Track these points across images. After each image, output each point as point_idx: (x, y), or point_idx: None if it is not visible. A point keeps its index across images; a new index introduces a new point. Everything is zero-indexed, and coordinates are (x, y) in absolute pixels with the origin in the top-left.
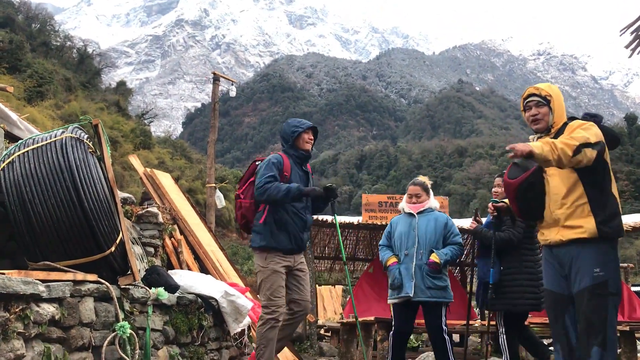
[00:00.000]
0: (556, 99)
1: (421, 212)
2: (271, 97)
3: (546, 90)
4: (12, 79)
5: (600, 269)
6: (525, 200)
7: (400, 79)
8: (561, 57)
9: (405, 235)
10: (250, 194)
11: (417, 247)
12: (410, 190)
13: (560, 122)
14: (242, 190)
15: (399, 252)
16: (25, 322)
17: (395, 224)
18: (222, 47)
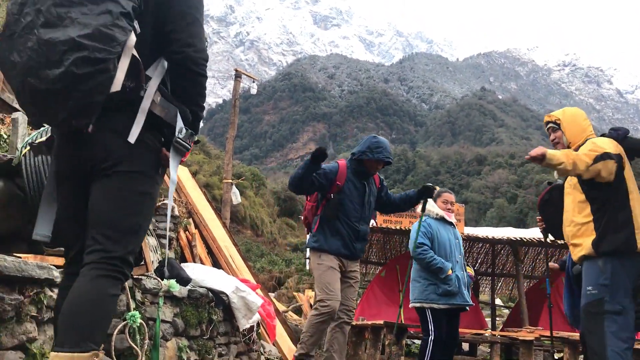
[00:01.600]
0: (565, 121)
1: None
2: (292, 96)
3: (556, 115)
4: None
5: (594, 287)
6: (545, 217)
7: (423, 84)
8: (587, 69)
9: (452, 244)
10: (314, 197)
11: (462, 257)
12: (446, 197)
13: (577, 141)
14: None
15: (449, 259)
16: (38, 306)
17: (436, 228)
18: (246, 44)
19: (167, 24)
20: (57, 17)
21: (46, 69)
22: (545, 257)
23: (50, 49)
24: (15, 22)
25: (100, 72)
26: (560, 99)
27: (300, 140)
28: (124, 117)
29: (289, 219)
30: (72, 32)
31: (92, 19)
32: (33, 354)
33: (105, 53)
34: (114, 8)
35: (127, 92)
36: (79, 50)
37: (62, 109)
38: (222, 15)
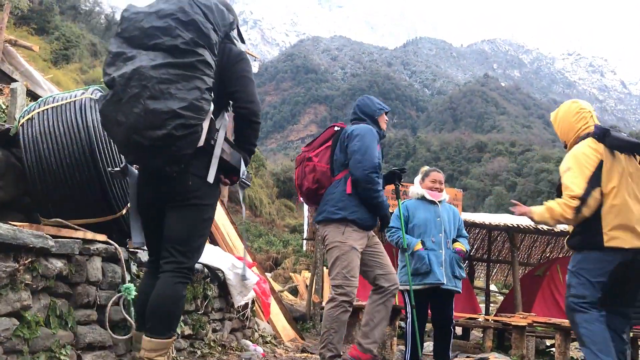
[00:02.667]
0: (555, 122)
1: (440, 201)
2: (294, 77)
3: (551, 115)
4: (40, 40)
5: (568, 273)
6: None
7: (426, 69)
8: (591, 58)
9: (431, 222)
10: (326, 159)
11: (443, 235)
12: (435, 176)
13: (568, 139)
14: (315, 153)
15: (424, 239)
16: (33, 275)
17: (413, 208)
18: (249, 23)
19: (231, 85)
20: (160, 91)
21: (150, 130)
22: (541, 245)
23: (155, 116)
24: (123, 91)
25: (193, 133)
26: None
27: (302, 122)
28: (199, 162)
29: (288, 200)
30: (173, 104)
31: (186, 94)
32: (27, 321)
33: (197, 120)
34: (201, 85)
35: (205, 144)
36: (178, 118)
37: (159, 159)
38: None
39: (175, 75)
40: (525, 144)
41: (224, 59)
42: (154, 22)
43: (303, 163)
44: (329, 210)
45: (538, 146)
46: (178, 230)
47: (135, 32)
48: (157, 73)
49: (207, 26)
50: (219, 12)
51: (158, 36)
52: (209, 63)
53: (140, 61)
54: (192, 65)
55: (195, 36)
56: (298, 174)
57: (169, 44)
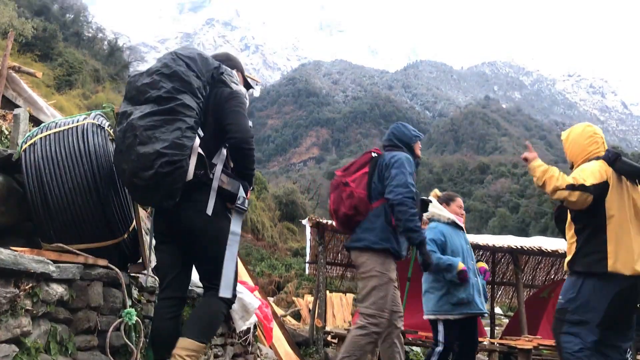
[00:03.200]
0: (566, 142)
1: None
2: (296, 100)
3: (562, 135)
4: (43, 66)
5: (563, 297)
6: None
7: (427, 92)
8: (592, 79)
9: (465, 249)
10: (364, 185)
11: (474, 263)
12: (460, 202)
13: (577, 160)
14: (353, 179)
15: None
16: (34, 300)
17: (449, 234)
18: (251, 48)
19: (224, 119)
20: (147, 137)
21: (143, 172)
22: (545, 267)
23: (145, 159)
24: (122, 143)
25: (177, 169)
26: (565, 109)
27: (303, 145)
28: (200, 195)
29: (290, 223)
30: (157, 146)
31: (168, 135)
32: (27, 347)
33: (180, 156)
34: (181, 125)
35: (199, 178)
36: (162, 157)
37: (156, 196)
38: (228, 19)
39: (158, 120)
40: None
41: (216, 100)
42: (144, 80)
43: (339, 188)
44: (371, 240)
45: None
46: (206, 265)
47: (133, 92)
48: (143, 122)
49: (188, 74)
50: (202, 60)
51: (147, 91)
52: (188, 105)
53: (134, 115)
54: (172, 109)
55: (177, 85)
56: (334, 199)
57: (155, 95)
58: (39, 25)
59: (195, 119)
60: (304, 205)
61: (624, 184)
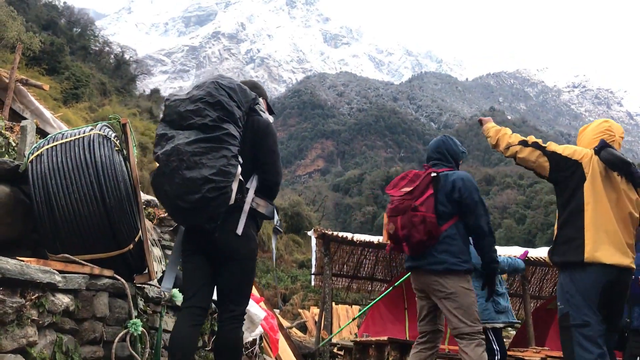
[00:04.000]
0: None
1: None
2: (301, 113)
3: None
4: (51, 80)
5: (561, 302)
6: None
7: (432, 103)
8: (597, 90)
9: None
10: (432, 208)
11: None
12: None
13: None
14: (420, 202)
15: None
16: (40, 310)
17: None
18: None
19: (260, 156)
20: (194, 162)
21: (189, 195)
22: (552, 278)
23: (192, 183)
24: (165, 165)
25: (223, 194)
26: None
27: (309, 157)
28: (234, 218)
29: (296, 235)
30: (204, 172)
31: (215, 162)
32: (33, 358)
33: (225, 182)
34: (227, 153)
35: (237, 202)
36: (210, 183)
37: (200, 218)
38: (233, 32)
39: (205, 147)
40: (534, 177)
41: (254, 129)
42: (188, 107)
43: (408, 213)
44: (452, 262)
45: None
46: (229, 284)
47: (174, 116)
48: (190, 148)
49: (230, 104)
50: (241, 91)
51: (191, 117)
52: (233, 135)
53: (178, 140)
54: (219, 138)
55: (221, 114)
56: (403, 224)
57: (200, 123)
58: (46, 40)
59: (238, 147)
60: (310, 217)
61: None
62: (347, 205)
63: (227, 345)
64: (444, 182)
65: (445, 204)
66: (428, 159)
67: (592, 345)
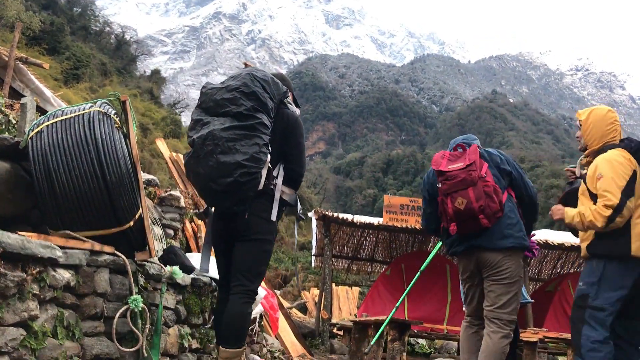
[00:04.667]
0: (585, 124)
1: None
2: (302, 95)
3: (580, 114)
4: (51, 60)
5: (584, 283)
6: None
7: (434, 86)
8: (599, 74)
9: None
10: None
11: None
12: None
13: (594, 145)
14: (484, 172)
15: None
16: (41, 285)
17: None
18: (258, 42)
19: (287, 148)
20: (228, 148)
21: (221, 178)
22: (551, 260)
23: (225, 167)
24: (200, 149)
25: (254, 179)
26: (572, 103)
27: (310, 140)
28: (260, 203)
29: None
30: (238, 157)
31: (248, 148)
32: (35, 331)
33: (257, 168)
34: (259, 141)
35: (264, 188)
36: (242, 168)
37: (230, 201)
38: (234, 12)
39: (239, 134)
40: (535, 160)
41: (284, 121)
42: (224, 95)
43: (479, 183)
44: (517, 236)
45: (547, 162)
46: (244, 260)
47: (210, 104)
48: (226, 134)
49: (264, 95)
50: (274, 84)
51: (227, 105)
52: (265, 124)
53: (214, 125)
54: (252, 126)
55: (255, 104)
56: (478, 195)
57: (235, 111)
58: (46, 19)
59: (269, 136)
60: (311, 199)
61: None
62: (348, 188)
63: (234, 317)
64: (489, 156)
65: (499, 177)
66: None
67: (601, 327)
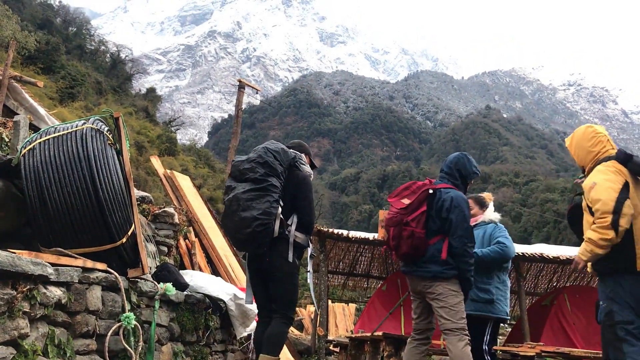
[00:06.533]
0: (571, 149)
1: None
2: (297, 111)
3: (566, 141)
4: (46, 79)
5: (604, 301)
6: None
7: (428, 102)
8: (592, 88)
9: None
10: (422, 224)
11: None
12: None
13: (586, 164)
14: (412, 218)
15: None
16: (31, 302)
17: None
18: (253, 60)
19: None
20: (247, 206)
21: (243, 229)
22: (547, 274)
23: (245, 221)
24: (229, 208)
25: (267, 228)
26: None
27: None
28: (281, 246)
29: None
30: (254, 212)
31: (261, 205)
32: (25, 350)
33: (268, 220)
34: (270, 198)
35: (280, 235)
36: (257, 220)
37: (252, 245)
38: (229, 31)
39: (255, 195)
40: (529, 174)
41: (294, 180)
42: (245, 166)
43: (400, 226)
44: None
45: (542, 176)
46: (278, 294)
47: (236, 172)
48: (245, 195)
49: (275, 163)
50: (283, 152)
51: (247, 173)
52: (275, 185)
53: (237, 190)
54: (265, 188)
55: (267, 170)
56: (394, 235)
57: (252, 177)
58: (41, 39)
59: (278, 194)
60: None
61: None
62: (343, 204)
63: (274, 334)
64: (439, 200)
65: (435, 220)
66: (440, 171)
67: (637, 341)
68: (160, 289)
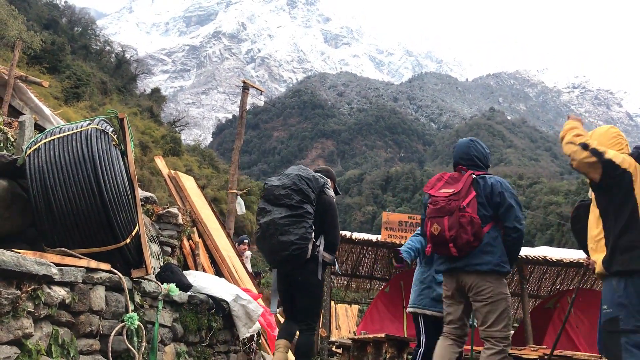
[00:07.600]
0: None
1: None
2: (301, 112)
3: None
4: (51, 78)
5: (609, 306)
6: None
7: (432, 103)
8: (596, 91)
9: None
10: (476, 210)
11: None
12: None
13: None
14: (466, 203)
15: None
16: (35, 302)
17: None
18: (257, 61)
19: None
20: (284, 231)
21: (282, 252)
22: (550, 277)
23: (283, 244)
24: (266, 231)
25: (303, 252)
26: None
27: (309, 157)
28: (311, 265)
29: None
30: (291, 237)
31: (298, 230)
32: (29, 349)
33: (304, 244)
34: (306, 225)
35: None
36: (295, 245)
37: (289, 266)
38: (234, 32)
39: (292, 221)
40: (533, 177)
41: (322, 205)
42: (280, 191)
43: (455, 213)
44: (495, 262)
45: (546, 179)
46: (305, 307)
47: (271, 197)
48: (282, 221)
49: (308, 190)
50: (314, 180)
51: (282, 199)
52: (310, 212)
53: (273, 214)
54: (301, 215)
55: (302, 197)
56: (451, 224)
57: (288, 204)
58: (47, 39)
59: (312, 220)
60: None
61: None
62: (347, 205)
63: (304, 344)
64: (484, 184)
65: (486, 207)
66: (455, 165)
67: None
68: (163, 289)
